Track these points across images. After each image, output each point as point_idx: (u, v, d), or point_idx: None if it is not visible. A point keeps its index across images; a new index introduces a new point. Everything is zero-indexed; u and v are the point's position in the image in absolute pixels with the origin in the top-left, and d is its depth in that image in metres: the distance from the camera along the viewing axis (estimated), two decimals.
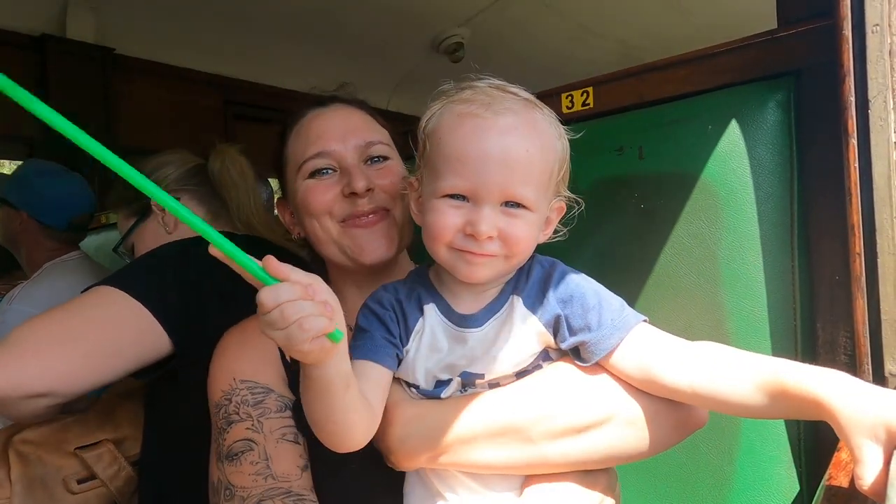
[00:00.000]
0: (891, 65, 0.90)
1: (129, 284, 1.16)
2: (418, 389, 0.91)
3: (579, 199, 0.92)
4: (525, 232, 0.83)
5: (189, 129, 3.18)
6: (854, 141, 0.92)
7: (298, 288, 0.65)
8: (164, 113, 3.25)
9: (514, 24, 3.32)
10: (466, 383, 0.88)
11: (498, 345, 0.86)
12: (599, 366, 0.86)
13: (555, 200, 0.90)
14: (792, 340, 1.07)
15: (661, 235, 1.20)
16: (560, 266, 0.91)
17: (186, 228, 1.51)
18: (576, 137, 0.90)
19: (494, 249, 0.83)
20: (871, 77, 0.91)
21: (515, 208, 0.83)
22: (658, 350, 0.83)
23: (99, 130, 2.88)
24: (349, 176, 1.05)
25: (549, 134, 0.86)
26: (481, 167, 0.80)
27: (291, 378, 1.02)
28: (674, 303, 1.18)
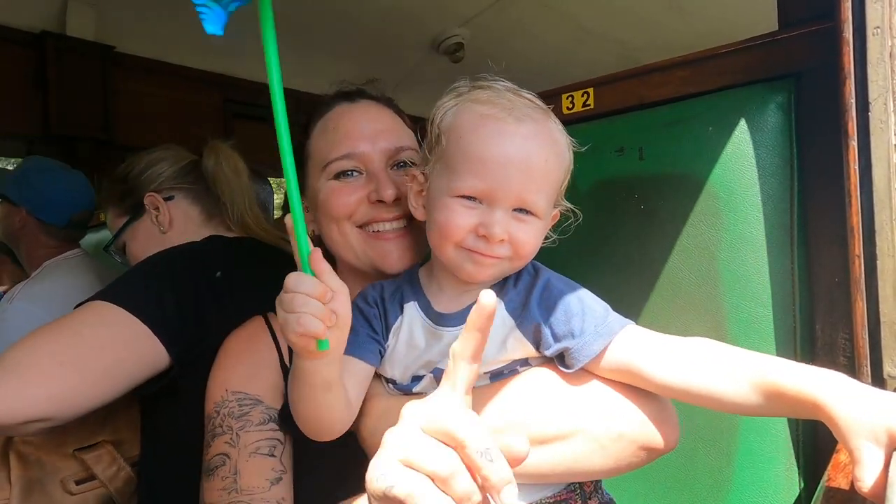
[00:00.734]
0: (891, 67, 0.90)
1: (125, 298, 1.14)
2: (395, 385, 0.92)
3: (576, 210, 0.93)
4: (533, 238, 0.85)
5: (188, 127, 3.16)
6: (854, 143, 0.92)
7: (320, 288, 0.70)
8: (164, 111, 3.24)
9: (514, 25, 3.32)
10: (438, 380, 0.89)
11: None
12: (586, 372, 0.86)
13: (554, 210, 0.91)
14: (791, 342, 1.07)
15: (661, 236, 1.20)
16: (545, 272, 0.91)
17: (180, 228, 1.51)
18: (581, 150, 0.91)
19: (503, 252, 0.84)
20: (872, 80, 0.91)
21: (525, 214, 0.84)
22: (646, 352, 0.82)
23: (98, 128, 2.88)
24: (377, 182, 1.03)
25: (563, 144, 0.88)
26: (501, 171, 0.81)
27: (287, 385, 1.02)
28: (673, 304, 1.18)
